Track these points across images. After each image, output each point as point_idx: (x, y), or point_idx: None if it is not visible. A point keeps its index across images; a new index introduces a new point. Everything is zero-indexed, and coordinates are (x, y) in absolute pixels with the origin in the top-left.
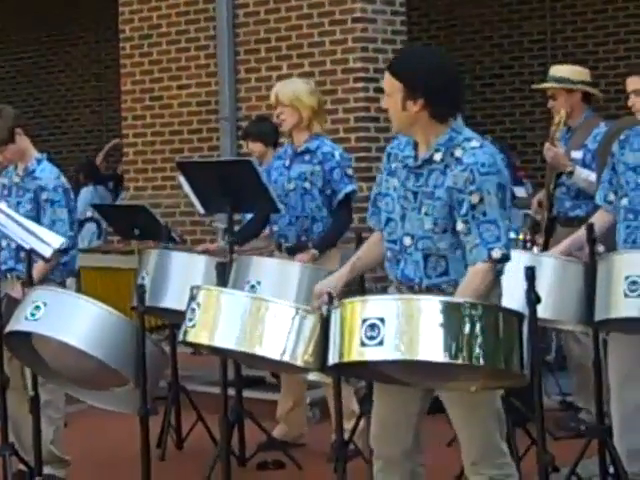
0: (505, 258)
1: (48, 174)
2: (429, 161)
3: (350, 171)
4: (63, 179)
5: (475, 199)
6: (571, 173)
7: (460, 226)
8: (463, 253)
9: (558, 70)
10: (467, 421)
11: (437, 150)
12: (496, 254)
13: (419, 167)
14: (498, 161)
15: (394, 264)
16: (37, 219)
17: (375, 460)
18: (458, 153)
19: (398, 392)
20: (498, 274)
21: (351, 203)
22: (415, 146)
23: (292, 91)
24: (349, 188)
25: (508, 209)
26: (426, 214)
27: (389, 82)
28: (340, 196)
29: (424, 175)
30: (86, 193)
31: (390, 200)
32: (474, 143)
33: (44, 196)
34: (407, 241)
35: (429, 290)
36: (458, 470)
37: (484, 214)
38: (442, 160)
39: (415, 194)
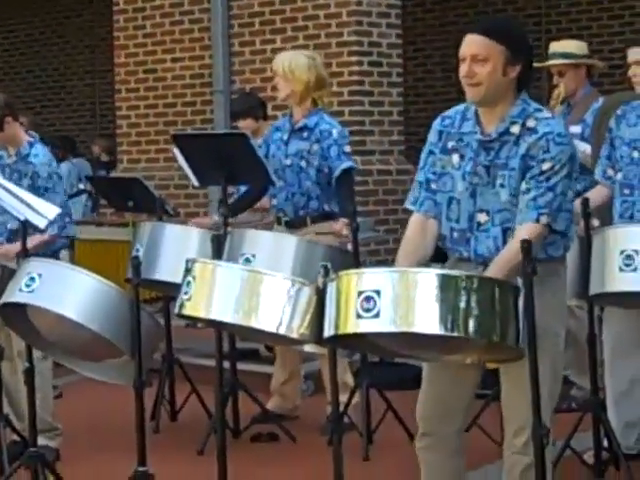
0: (551, 229)
1: (41, 159)
2: (504, 134)
3: (348, 148)
4: (54, 164)
5: (546, 166)
6: None
7: (522, 186)
8: None
9: (563, 46)
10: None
11: (513, 122)
12: (544, 220)
13: (491, 141)
14: (568, 133)
15: (462, 243)
16: None
17: (422, 437)
18: (531, 123)
19: (454, 370)
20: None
21: (351, 179)
22: (477, 120)
23: (288, 63)
24: (346, 164)
25: (574, 181)
26: (501, 186)
27: (488, 46)
28: (337, 172)
29: (495, 148)
30: (66, 168)
31: (449, 179)
32: (545, 113)
33: (39, 182)
34: (481, 217)
35: None
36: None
37: (548, 180)
38: (518, 132)
39: (487, 168)
